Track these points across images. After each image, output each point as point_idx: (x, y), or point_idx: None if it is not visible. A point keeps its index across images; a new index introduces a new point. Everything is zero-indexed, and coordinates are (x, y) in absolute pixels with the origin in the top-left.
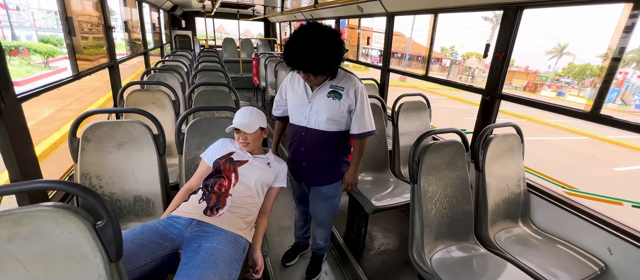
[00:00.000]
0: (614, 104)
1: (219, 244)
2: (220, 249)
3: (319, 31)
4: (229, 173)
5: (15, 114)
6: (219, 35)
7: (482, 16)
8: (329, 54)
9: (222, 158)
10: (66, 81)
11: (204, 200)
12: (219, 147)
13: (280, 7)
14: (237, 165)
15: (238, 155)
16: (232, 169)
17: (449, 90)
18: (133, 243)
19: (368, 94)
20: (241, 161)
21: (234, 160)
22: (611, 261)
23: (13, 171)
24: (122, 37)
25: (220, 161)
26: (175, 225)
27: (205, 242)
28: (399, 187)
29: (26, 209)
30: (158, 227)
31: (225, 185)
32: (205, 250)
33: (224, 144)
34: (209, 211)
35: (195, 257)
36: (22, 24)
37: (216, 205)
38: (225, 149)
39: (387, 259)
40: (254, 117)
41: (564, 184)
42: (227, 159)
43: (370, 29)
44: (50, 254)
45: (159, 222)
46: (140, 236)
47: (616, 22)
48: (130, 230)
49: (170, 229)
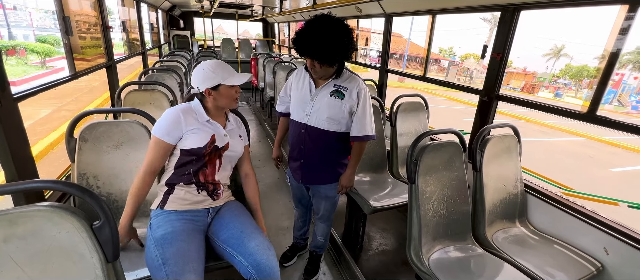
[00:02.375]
0: (611, 105)
1: (230, 205)
2: (234, 206)
3: (330, 20)
4: (213, 160)
5: (12, 113)
6: (218, 35)
7: (481, 17)
8: (337, 43)
9: (205, 147)
10: (63, 81)
11: (202, 189)
12: (181, 124)
13: (278, 8)
14: (222, 151)
15: (219, 139)
16: (217, 156)
17: (447, 91)
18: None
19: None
20: (224, 147)
21: (218, 148)
22: (608, 261)
23: (9, 171)
24: (120, 37)
25: (205, 151)
26: (196, 219)
27: (222, 210)
28: (397, 188)
29: (22, 208)
30: (191, 226)
31: (208, 173)
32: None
33: (183, 118)
34: (213, 196)
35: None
36: (19, 24)
37: (215, 190)
38: (197, 130)
39: (385, 259)
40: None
41: (561, 184)
42: (212, 149)
43: (369, 29)
44: (47, 254)
45: (180, 224)
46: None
47: (612, 23)
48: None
49: (196, 223)
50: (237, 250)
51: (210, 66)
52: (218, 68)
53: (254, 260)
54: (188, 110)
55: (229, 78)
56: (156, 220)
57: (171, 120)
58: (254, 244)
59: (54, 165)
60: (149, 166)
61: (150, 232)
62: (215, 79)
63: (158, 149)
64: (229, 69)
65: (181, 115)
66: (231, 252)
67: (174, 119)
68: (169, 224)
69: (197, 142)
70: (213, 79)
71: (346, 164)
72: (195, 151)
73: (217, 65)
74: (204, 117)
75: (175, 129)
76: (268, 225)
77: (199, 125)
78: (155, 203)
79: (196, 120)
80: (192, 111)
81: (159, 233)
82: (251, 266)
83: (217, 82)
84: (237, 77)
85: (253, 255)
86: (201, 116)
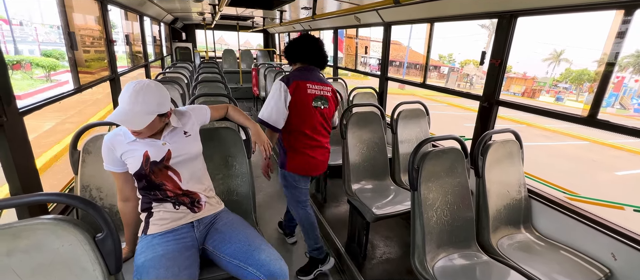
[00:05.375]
0: (613, 108)
1: (228, 218)
2: (232, 219)
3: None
4: (164, 175)
5: (17, 127)
6: (219, 46)
7: (479, 24)
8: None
9: (142, 168)
10: (67, 94)
11: (179, 205)
12: (114, 152)
13: (279, 19)
14: (165, 162)
15: (155, 152)
16: (165, 169)
17: (448, 97)
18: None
19: (367, 102)
20: (166, 158)
21: (157, 162)
22: (616, 267)
23: (13, 184)
24: (123, 50)
25: (145, 171)
26: (182, 236)
27: (220, 225)
28: (400, 195)
29: (26, 222)
30: (173, 247)
31: (172, 187)
32: (227, 226)
33: (113, 145)
34: (194, 208)
35: (227, 235)
36: (25, 39)
37: (194, 202)
38: (129, 152)
39: (390, 268)
40: (142, 101)
41: (565, 189)
42: (151, 165)
43: (368, 38)
44: (50, 267)
45: (162, 247)
46: (170, 263)
47: (609, 28)
48: (152, 266)
49: (183, 241)
50: (247, 262)
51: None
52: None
53: (268, 269)
54: (116, 135)
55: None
56: (140, 246)
57: (105, 151)
58: (265, 255)
59: (57, 177)
60: (120, 194)
61: (135, 259)
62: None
63: (116, 178)
64: (123, 100)
65: (109, 143)
66: (238, 264)
67: (106, 148)
68: (151, 250)
69: (134, 166)
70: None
71: (282, 147)
72: (138, 174)
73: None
74: (129, 137)
75: (111, 157)
76: (269, 236)
77: (128, 147)
78: (140, 230)
79: (124, 143)
80: (120, 135)
81: (140, 260)
82: (265, 275)
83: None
84: (115, 113)
85: (266, 265)
86: (127, 137)
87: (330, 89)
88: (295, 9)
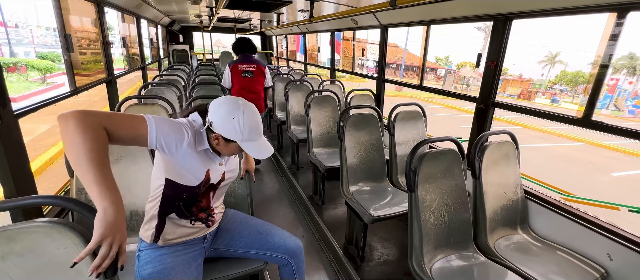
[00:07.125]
0: (608, 109)
1: (231, 215)
2: (235, 215)
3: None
4: (206, 194)
5: (12, 130)
6: (216, 49)
7: (475, 26)
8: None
9: (198, 187)
10: (63, 97)
11: (196, 221)
12: (182, 141)
13: (276, 21)
14: (217, 185)
15: (214, 174)
16: (212, 189)
17: (445, 99)
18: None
19: (364, 104)
20: (220, 180)
21: (214, 185)
22: (611, 267)
23: (8, 187)
24: (120, 52)
25: (198, 190)
26: (191, 248)
27: (226, 224)
28: (397, 196)
29: (21, 225)
30: (182, 259)
31: (202, 205)
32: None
33: (186, 135)
34: (208, 223)
35: (236, 232)
36: (20, 41)
37: (209, 217)
38: (192, 160)
39: (387, 270)
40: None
41: (561, 190)
42: (207, 187)
43: (365, 40)
44: (45, 271)
45: (171, 259)
46: (183, 275)
47: (602, 30)
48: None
49: (191, 252)
50: (263, 248)
51: (241, 121)
52: (246, 128)
53: (286, 248)
54: (191, 128)
55: (248, 143)
56: (145, 254)
57: (178, 127)
58: (277, 238)
59: (52, 181)
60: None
61: (137, 265)
62: (236, 137)
63: (139, 134)
64: (257, 133)
65: (192, 131)
66: (256, 252)
67: (185, 128)
68: (159, 261)
69: (189, 179)
70: (233, 135)
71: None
72: (188, 189)
73: (249, 124)
74: (204, 145)
75: (175, 136)
76: None
77: (195, 152)
78: (145, 234)
79: (193, 145)
80: (194, 130)
81: (146, 271)
82: (284, 253)
83: (235, 139)
84: (257, 148)
85: (282, 245)
86: (201, 143)
87: (256, 66)
88: (293, 12)
